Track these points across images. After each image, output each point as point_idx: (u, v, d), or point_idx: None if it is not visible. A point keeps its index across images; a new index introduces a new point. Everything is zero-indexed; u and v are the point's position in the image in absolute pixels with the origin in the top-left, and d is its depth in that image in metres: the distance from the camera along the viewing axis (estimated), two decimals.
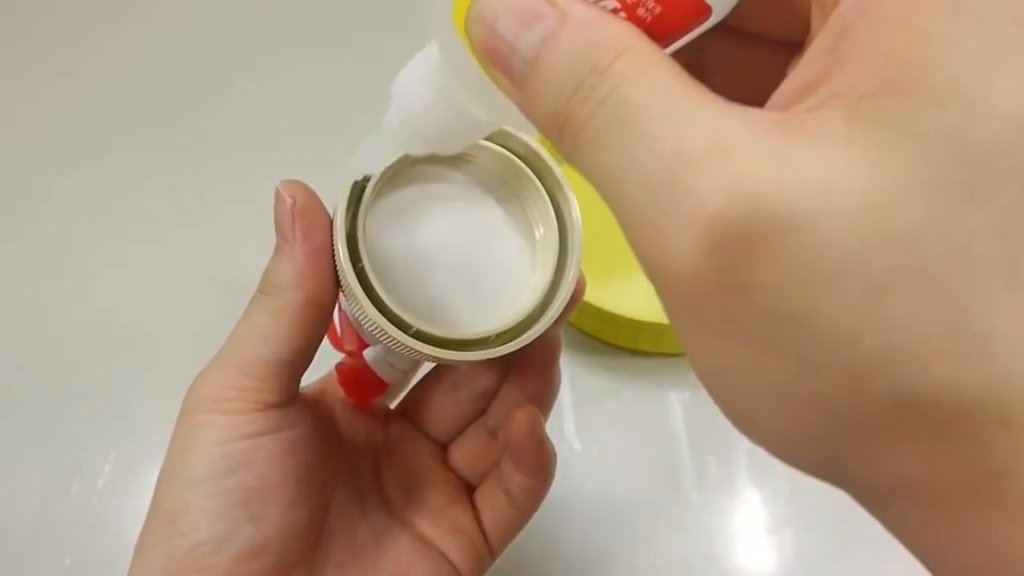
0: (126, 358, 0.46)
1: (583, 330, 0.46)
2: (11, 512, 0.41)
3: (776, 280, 0.13)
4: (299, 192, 0.25)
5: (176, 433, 0.25)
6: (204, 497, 0.24)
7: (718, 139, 0.13)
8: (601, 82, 0.14)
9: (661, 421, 0.43)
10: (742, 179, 0.13)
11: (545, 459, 0.29)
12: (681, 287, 0.14)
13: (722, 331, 0.14)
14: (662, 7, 0.15)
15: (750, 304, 0.13)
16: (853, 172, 0.12)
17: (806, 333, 0.13)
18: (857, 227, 0.12)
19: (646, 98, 0.14)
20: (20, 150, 0.56)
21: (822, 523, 0.39)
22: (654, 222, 0.14)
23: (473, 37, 0.16)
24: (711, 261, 0.13)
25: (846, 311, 0.12)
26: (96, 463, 0.42)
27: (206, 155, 0.55)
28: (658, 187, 0.14)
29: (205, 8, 0.65)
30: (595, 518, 0.40)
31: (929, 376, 0.12)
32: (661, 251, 0.14)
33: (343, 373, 0.30)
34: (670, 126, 0.14)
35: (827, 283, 0.12)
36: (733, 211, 0.13)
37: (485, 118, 0.20)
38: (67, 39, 0.64)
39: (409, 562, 0.29)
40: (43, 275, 0.50)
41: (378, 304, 0.25)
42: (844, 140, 0.13)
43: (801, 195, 0.13)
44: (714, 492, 0.41)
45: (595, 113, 0.15)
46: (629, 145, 0.14)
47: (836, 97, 0.13)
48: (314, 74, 0.60)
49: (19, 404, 0.45)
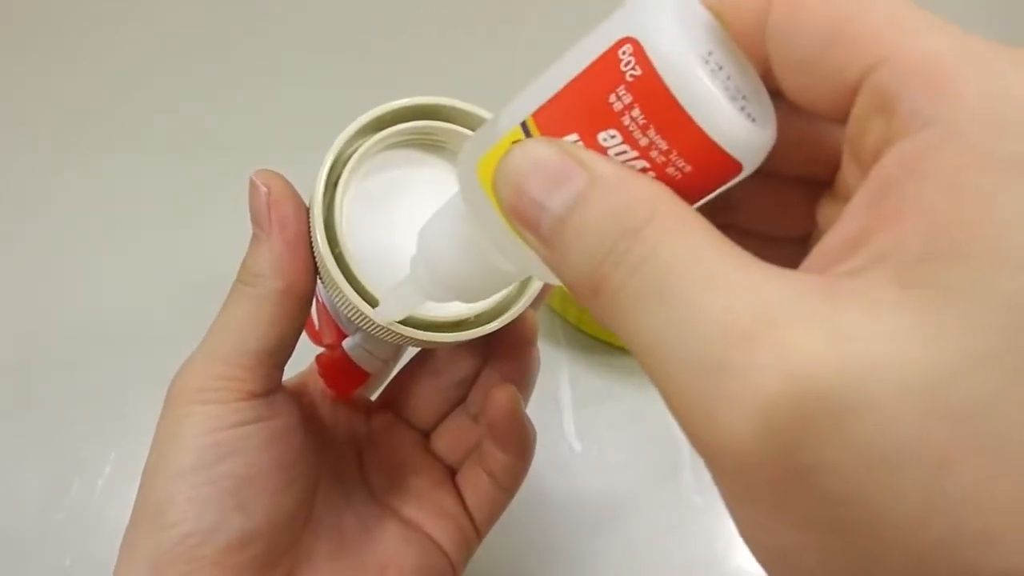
0: (126, 358, 0.46)
1: (583, 330, 0.46)
2: (11, 512, 0.41)
3: (837, 462, 0.12)
4: (273, 182, 0.25)
5: (160, 425, 0.25)
6: (191, 487, 0.24)
7: (764, 309, 0.13)
8: (634, 245, 0.14)
9: (661, 421, 0.43)
10: (795, 357, 0.12)
11: (525, 437, 0.29)
12: (735, 468, 0.13)
13: (780, 513, 0.13)
14: (692, 165, 0.15)
15: (811, 488, 0.13)
16: (909, 343, 0.12)
17: (870, 516, 0.12)
18: (918, 403, 0.12)
19: (683, 263, 0.14)
20: (19, 150, 0.56)
21: None
22: (703, 399, 0.13)
23: (501, 197, 0.16)
24: (769, 444, 0.13)
25: (910, 492, 0.12)
26: (96, 463, 0.42)
27: (207, 154, 0.55)
28: (705, 362, 0.13)
29: (204, 8, 0.65)
30: (595, 518, 0.40)
31: (998, 558, 0.12)
32: (712, 430, 0.13)
33: (323, 364, 0.30)
34: (711, 294, 0.13)
35: (891, 464, 0.12)
36: (790, 393, 0.12)
37: (512, 270, 0.20)
38: (66, 39, 0.64)
39: (397, 547, 0.29)
40: (43, 275, 0.50)
41: (358, 288, 0.25)
42: (895, 307, 0.12)
43: (858, 371, 0.12)
44: (714, 492, 0.41)
45: (630, 278, 0.14)
46: (670, 314, 0.14)
47: (883, 260, 0.13)
48: (314, 74, 0.60)
49: (19, 404, 0.45)
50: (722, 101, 0.15)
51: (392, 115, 0.26)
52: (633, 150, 0.15)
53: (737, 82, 0.15)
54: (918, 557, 0.12)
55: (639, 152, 0.15)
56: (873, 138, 0.14)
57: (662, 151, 0.15)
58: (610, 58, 0.15)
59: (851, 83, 0.15)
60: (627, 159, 0.15)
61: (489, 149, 0.17)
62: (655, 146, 0.15)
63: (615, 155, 0.16)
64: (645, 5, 0.15)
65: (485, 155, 0.17)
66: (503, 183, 0.16)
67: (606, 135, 0.15)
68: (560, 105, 0.16)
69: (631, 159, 0.15)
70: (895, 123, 0.14)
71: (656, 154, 0.15)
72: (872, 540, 0.12)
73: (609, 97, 0.15)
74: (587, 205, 0.15)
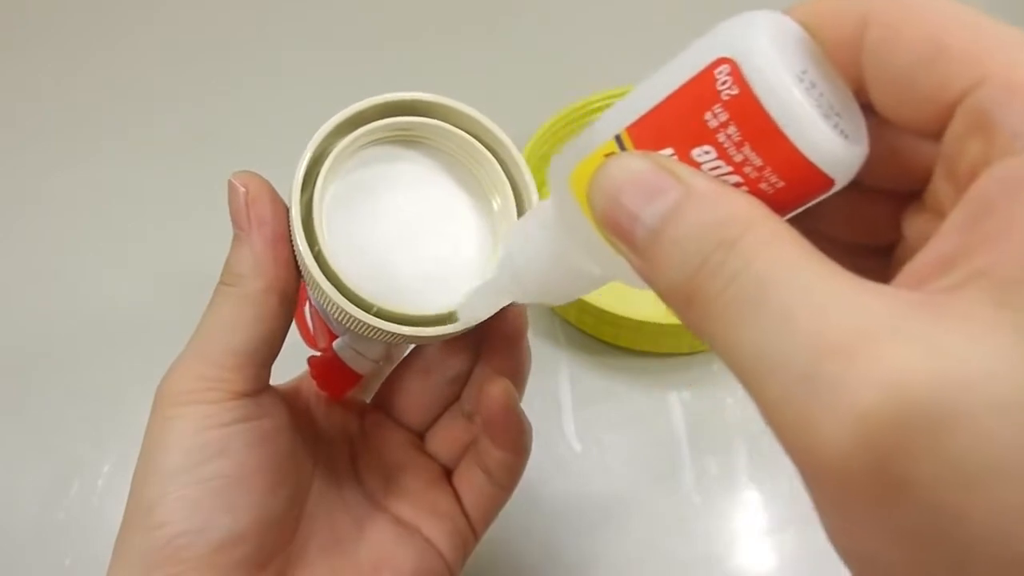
0: (126, 358, 0.46)
1: (583, 330, 0.46)
2: (11, 512, 0.41)
3: (932, 475, 0.12)
4: (251, 182, 0.26)
5: (150, 427, 0.25)
6: (181, 487, 0.24)
7: (862, 324, 0.13)
8: (730, 257, 0.15)
9: (661, 421, 0.43)
10: (893, 370, 0.13)
11: (521, 432, 0.29)
12: (831, 478, 0.14)
13: (872, 522, 0.14)
14: (785, 181, 0.16)
15: (904, 498, 0.13)
16: (1003, 362, 0.12)
17: (963, 528, 0.13)
18: (1012, 419, 0.12)
19: (779, 275, 0.14)
20: (18, 149, 0.56)
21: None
22: (801, 410, 0.13)
23: (595, 207, 0.17)
24: (865, 455, 0.13)
25: (1006, 506, 0.12)
26: (96, 463, 0.42)
27: (208, 158, 0.55)
28: (803, 374, 0.13)
29: (205, 9, 0.65)
30: (595, 518, 0.40)
31: None
32: (809, 440, 0.13)
33: (314, 366, 0.30)
34: (808, 307, 0.14)
35: (984, 478, 0.12)
36: (887, 405, 0.12)
37: (598, 274, 0.20)
38: (66, 40, 0.64)
39: (392, 548, 0.29)
40: (43, 275, 0.50)
41: (338, 286, 0.25)
42: (991, 327, 0.13)
43: (955, 386, 0.12)
44: (714, 492, 0.41)
45: (726, 289, 0.15)
46: (767, 325, 0.14)
47: (981, 278, 0.13)
48: (314, 74, 0.60)
49: (19, 404, 0.45)
50: (815, 119, 0.15)
51: (369, 112, 0.26)
52: (727, 165, 0.16)
53: (830, 99, 0.16)
54: (1006, 568, 0.13)
55: (733, 168, 0.16)
56: (971, 157, 0.15)
57: (756, 167, 0.16)
58: (707, 77, 0.16)
59: (949, 102, 0.15)
60: (720, 174, 0.16)
61: (583, 160, 0.18)
62: (749, 162, 0.16)
63: (709, 170, 0.16)
64: (744, 25, 0.16)
65: (579, 165, 0.18)
66: (598, 194, 0.17)
67: (700, 151, 0.16)
68: (655, 120, 0.17)
69: (724, 174, 0.16)
70: (995, 143, 0.14)
71: (750, 170, 0.16)
72: (962, 551, 0.13)
73: (705, 115, 0.16)
74: (682, 217, 0.15)
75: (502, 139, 0.27)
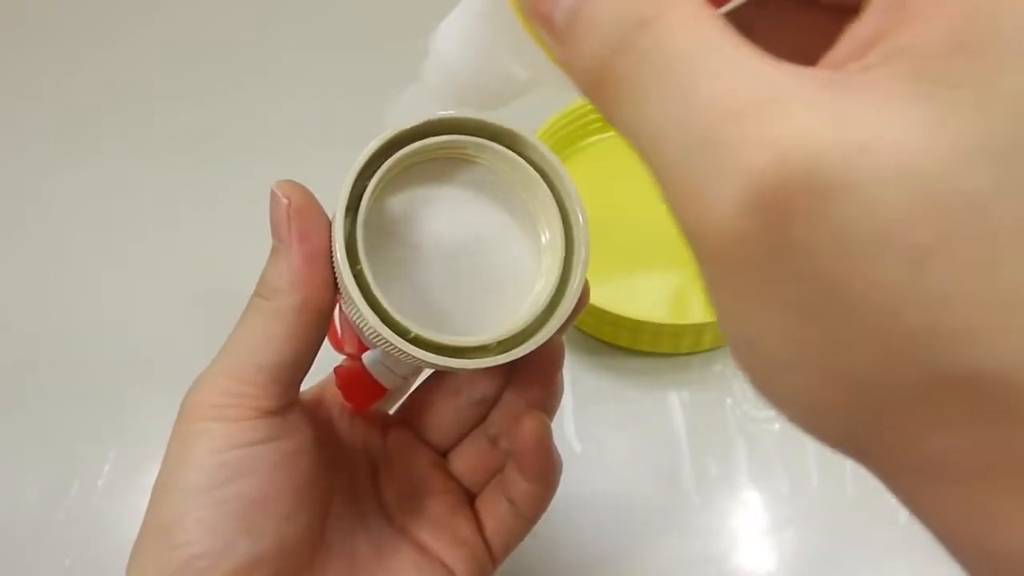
0: (126, 358, 0.46)
1: (583, 330, 0.46)
2: (11, 512, 0.41)
3: (818, 243, 0.12)
4: (295, 193, 0.25)
5: (172, 441, 0.25)
6: (200, 508, 0.23)
7: (765, 92, 0.13)
8: (643, 36, 0.14)
9: (661, 421, 0.43)
10: (788, 133, 0.12)
11: (552, 467, 0.29)
12: (717, 245, 0.13)
13: (756, 293, 0.13)
14: None
15: (788, 266, 0.12)
16: (913, 132, 0.12)
17: (844, 301, 0.12)
18: (911, 190, 0.11)
19: (690, 51, 0.13)
20: (18, 149, 0.57)
21: (822, 523, 0.39)
22: (691, 176, 0.13)
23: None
24: (750, 219, 0.12)
25: (888, 280, 0.12)
26: (96, 463, 0.42)
27: (208, 158, 0.55)
28: (697, 139, 0.13)
29: (205, 9, 0.65)
30: (595, 519, 0.40)
31: (973, 350, 0.11)
32: (697, 206, 0.13)
33: (341, 376, 0.30)
34: (713, 77, 0.13)
35: (871, 249, 0.12)
36: (777, 167, 0.12)
37: (525, 77, 0.19)
38: (65, 40, 0.64)
39: (410, 575, 0.28)
40: (43, 275, 0.50)
41: (376, 308, 0.24)
42: (906, 99, 0.12)
43: (852, 153, 0.12)
44: (714, 492, 0.41)
45: (635, 69, 0.14)
46: (668, 97, 0.13)
47: (900, 54, 0.12)
48: (314, 75, 0.60)
49: (19, 404, 0.45)
50: None
51: (418, 130, 0.25)
52: None
53: None
54: (889, 350, 0.12)
55: None
56: None
57: None
58: None
59: None
60: None
61: None
62: None
63: None
64: None
65: None
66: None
67: None
68: None
69: None
70: None
71: None
72: (843, 329, 0.12)
73: None
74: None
75: (557, 168, 0.26)
